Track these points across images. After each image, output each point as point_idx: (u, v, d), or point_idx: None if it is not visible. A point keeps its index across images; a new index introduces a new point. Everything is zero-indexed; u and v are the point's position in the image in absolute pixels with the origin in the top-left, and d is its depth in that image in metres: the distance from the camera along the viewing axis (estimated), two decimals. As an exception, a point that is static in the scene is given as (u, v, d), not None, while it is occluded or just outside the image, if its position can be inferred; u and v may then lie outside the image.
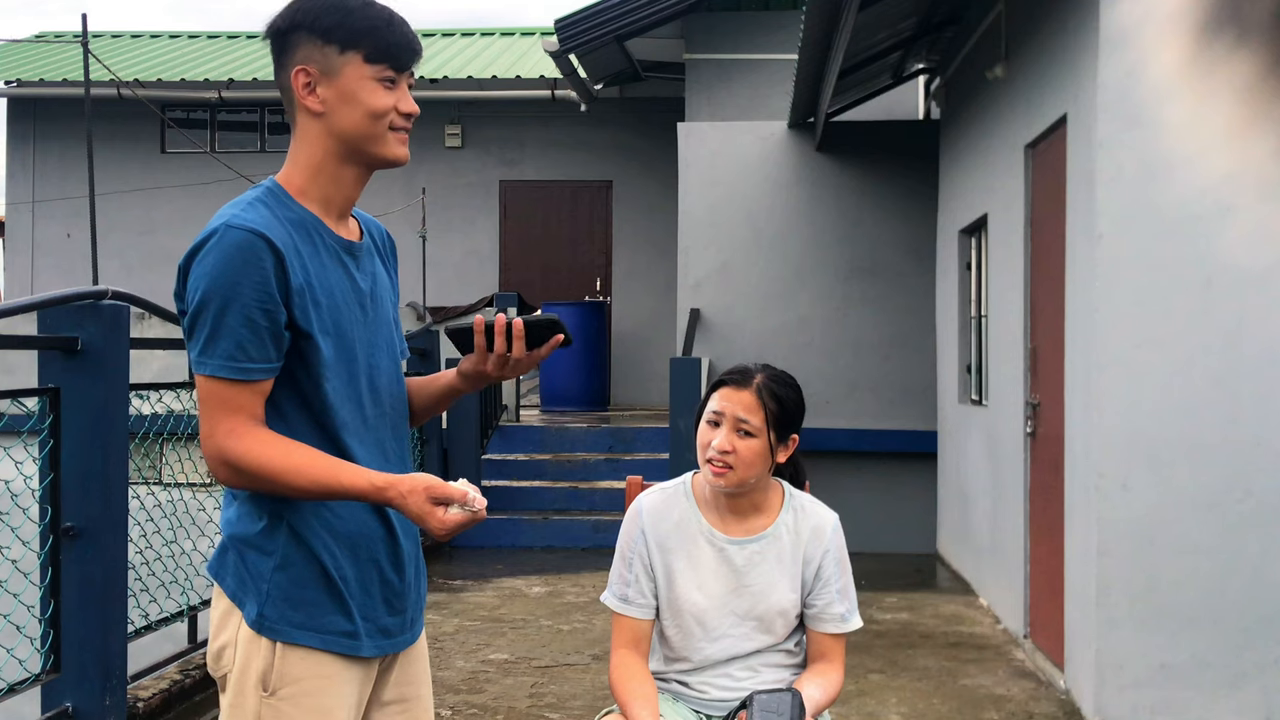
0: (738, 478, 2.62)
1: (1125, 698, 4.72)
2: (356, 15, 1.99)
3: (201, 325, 1.92)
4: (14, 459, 3.94)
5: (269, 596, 1.98)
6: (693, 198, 9.85)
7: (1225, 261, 4.65)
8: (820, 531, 2.69)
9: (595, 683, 5.53)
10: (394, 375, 2.15)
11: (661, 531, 2.71)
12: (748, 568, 2.67)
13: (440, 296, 13.34)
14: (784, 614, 2.68)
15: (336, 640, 2.01)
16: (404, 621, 2.13)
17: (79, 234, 13.73)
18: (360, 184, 2.08)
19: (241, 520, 2.02)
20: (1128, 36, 4.72)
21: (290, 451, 1.94)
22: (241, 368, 1.92)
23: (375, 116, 2.01)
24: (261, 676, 1.98)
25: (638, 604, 2.72)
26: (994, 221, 7.12)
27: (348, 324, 2.04)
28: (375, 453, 2.07)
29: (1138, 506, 4.73)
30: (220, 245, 1.91)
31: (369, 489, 1.95)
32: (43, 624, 3.97)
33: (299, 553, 1.99)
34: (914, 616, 6.98)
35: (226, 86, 13.91)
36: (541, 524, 9.37)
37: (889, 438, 9.58)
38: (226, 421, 1.93)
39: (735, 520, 2.70)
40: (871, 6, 6.80)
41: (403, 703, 2.17)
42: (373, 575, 2.06)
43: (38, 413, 4.00)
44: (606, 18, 10.44)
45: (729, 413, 2.62)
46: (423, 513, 1.93)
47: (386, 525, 2.08)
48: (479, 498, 1.95)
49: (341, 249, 2.06)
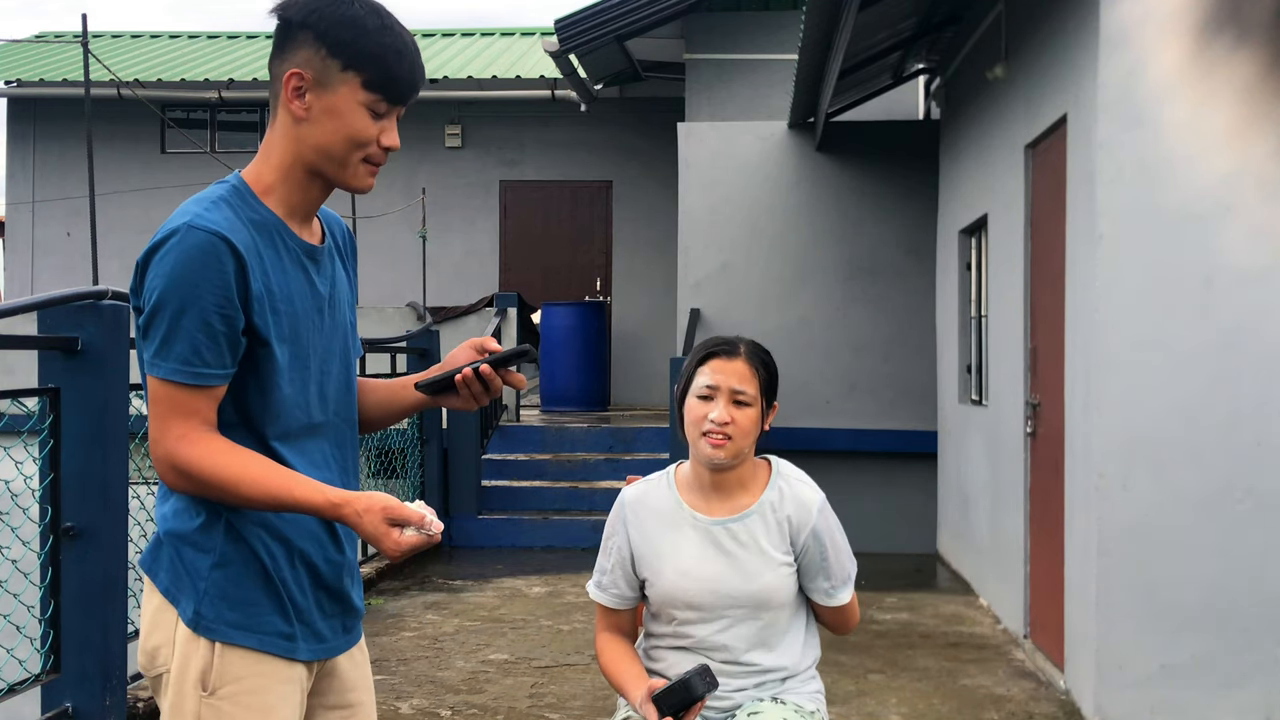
0: (736, 448, 2.61)
1: (1125, 698, 4.72)
2: (370, 39, 1.93)
3: (157, 326, 1.88)
4: (14, 459, 3.94)
5: (206, 595, 1.94)
6: (693, 198, 9.85)
7: (1225, 261, 4.65)
8: (804, 508, 2.67)
9: (595, 683, 5.53)
10: (344, 382, 2.11)
11: (644, 521, 2.71)
12: (735, 547, 2.65)
13: (440, 296, 13.34)
14: (778, 590, 2.65)
15: (274, 641, 1.98)
16: (337, 626, 2.09)
17: (79, 234, 13.73)
18: (326, 194, 2.04)
19: (178, 516, 1.97)
20: (1128, 36, 4.72)
21: (245, 462, 1.90)
22: (197, 372, 1.88)
23: (355, 143, 1.96)
24: (201, 676, 1.95)
25: (610, 593, 2.74)
26: (994, 221, 7.12)
27: (305, 331, 2.01)
28: (316, 461, 2.03)
29: (1138, 506, 4.73)
30: (181, 246, 1.87)
31: (324, 505, 1.91)
32: (43, 624, 3.97)
33: (237, 551, 1.96)
34: (914, 616, 6.98)
35: (226, 86, 13.91)
36: (541, 524, 9.37)
37: (889, 438, 9.58)
38: (178, 426, 1.90)
39: (719, 500, 2.69)
40: (871, 6, 6.80)
41: (348, 708, 2.14)
42: (309, 578, 2.03)
43: (38, 413, 4.00)
44: (606, 18, 10.44)
45: (723, 384, 2.62)
46: (378, 533, 1.89)
47: (329, 531, 2.05)
48: (435, 521, 1.92)
49: (303, 253, 2.02)
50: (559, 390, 12.25)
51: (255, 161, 2.02)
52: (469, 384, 2.12)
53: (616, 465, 9.94)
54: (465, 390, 2.12)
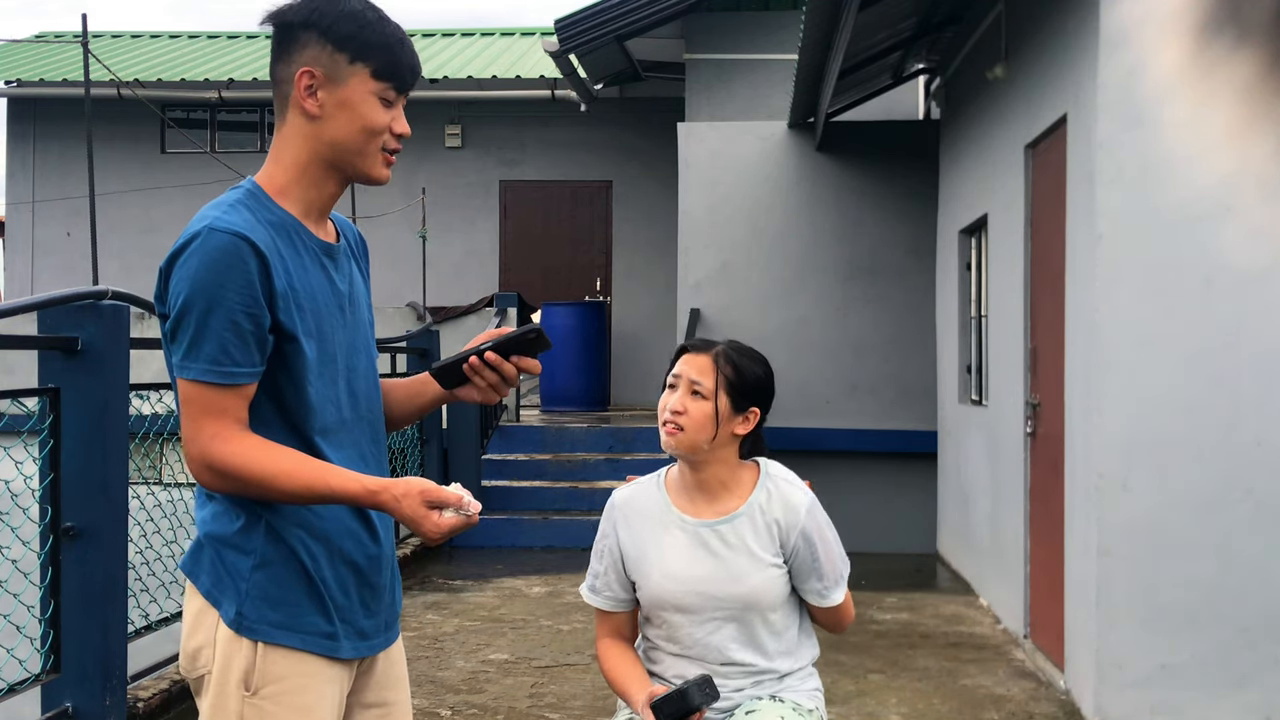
0: (688, 440, 2.61)
1: (1125, 698, 4.72)
2: (372, 29, 1.99)
3: (185, 329, 1.90)
4: (14, 459, 3.94)
5: (248, 596, 1.96)
6: (693, 198, 9.85)
7: (1225, 261, 4.65)
8: (792, 510, 2.66)
9: (595, 683, 5.53)
10: (371, 378, 2.14)
11: (633, 522, 2.72)
12: (723, 549, 2.65)
13: (440, 296, 13.34)
14: (766, 591, 2.64)
15: (316, 641, 2.00)
16: (380, 624, 2.11)
17: (79, 234, 13.73)
18: (340, 190, 2.08)
19: (218, 519, 1.99)
20: (1128, 36, 4.72)
21: (278, 456, 1.92)
22: (226, 372, 1.90)
23: (371, 132, 2.01)
24: (244, 676, 1.97)
25: (604, 595, 2.74)
26: (994, 221, 7.12)
27: (329, 327, 2.03)
28: (353, 455, 2.05)
29: (1138, 506, 4.73)
30: (204, 248, 1.89)
31: (362, 493, 1.94)
32: (43, 624, 3.98)
33: (278, 552, 1.98)
34: (914, 616, 6.98)
35: (226, 86, 13.91)
36: (541, 524, 9.37)
37: (889, 438, 9.58)
38: (211, 426, 1.91)
39: (706, 503, 2.69)
40: (871, 6, 6.80)
41: (384, 706, 2.16)
42: (350, 577, 2.04)
43: (38, 413, 4.00)
44: (606, 18, 10.43)
45: (685, 375, 2.64)
46: (417, 517, 1.92)
47: (367, 526, 2.06)
48: (473, 501, 1.94)
49: (321, 251, 2.05)
50: (559, 390, 12.26)
51: (267, 165, 2.05)
52: (481, 373, 2.12)
53: (616, 465, 9.94)
54: (480, 380, 2.12)
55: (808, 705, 2.69)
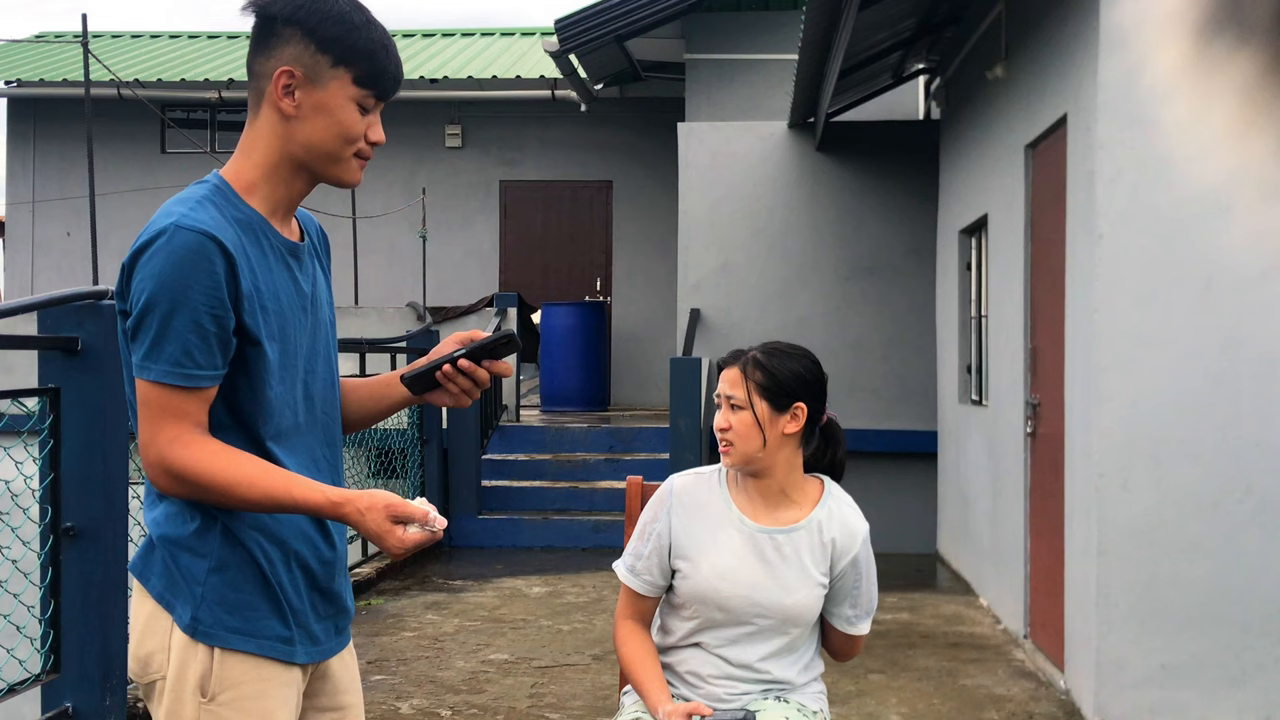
0: (740, 453, 2.64)
1: (1125, 698, 4.72)
2: (359, 34, 1.93)
3: (146, 328, 1.85)
4: (14, 459, 3.94)
5: (204, 600, 1.91)
6: (693, 198, 9.85)
7: (1225, 261, 4.65)
8: (850, 534, 2.69)
9: (595, 683, 5.53)
10: (329, 381, 2.09)
11: (690, 513, 2.71)
12: (777, 560, 2.66)
13: (440, 296, 13.34)
14: (809, 608, 2.66)
15: (273, 646, 1.96)
16: (331, 628, 2.07)
17: (79, 234, 13.73)
18: (308, 189, 2.03)
19: (171, 520, 1.94)
20: (1128, 36, 4.72)
21: (239, 463, 1.87)
22: (188, 374, 1.85)
23: (347, 140, 1.96)
24: (200, 683, 1.92)
25: (644, 579, 2.72)
26: (994, 221, 7.12)
27: (292, 329, 1.99)
28: (305, 461, 2.01)
29: (1138, 506, 4.73)
30: (169, 246, 1.83)
31: (325, 504, 1.89)
32: (43, 624, 3.97)
33: (234, 555, 1.93)
34: (914, 616, 6.98)
35: (226, 86, 13.90)
36: (541, 524, 9.37)
37: (889, 438, 9.58)
38: (170, 429, 1.86)
39: (766, 509, 2.70)
40: (871, 6, 6.80)
41: (339, 710, 2.12)
42: (304, 580, 2.00)
43: (38, 413, 4.00)
44: (606, 18, 10.43)
45: (723, 391, 2.68)
46: (381, 531, 1.88)
47: (322, 530, 2.03)
48: (439, 517, 1.91)
49: (286, 251, 2.00)
50: (559, 390, 12.26)
51: (235, 159, 1.99)
52: (453, 378, 2.09)
53: (616, 465, 9.94)
54: (452, 385, 2.09)
55: (813, 706, 2.70)
